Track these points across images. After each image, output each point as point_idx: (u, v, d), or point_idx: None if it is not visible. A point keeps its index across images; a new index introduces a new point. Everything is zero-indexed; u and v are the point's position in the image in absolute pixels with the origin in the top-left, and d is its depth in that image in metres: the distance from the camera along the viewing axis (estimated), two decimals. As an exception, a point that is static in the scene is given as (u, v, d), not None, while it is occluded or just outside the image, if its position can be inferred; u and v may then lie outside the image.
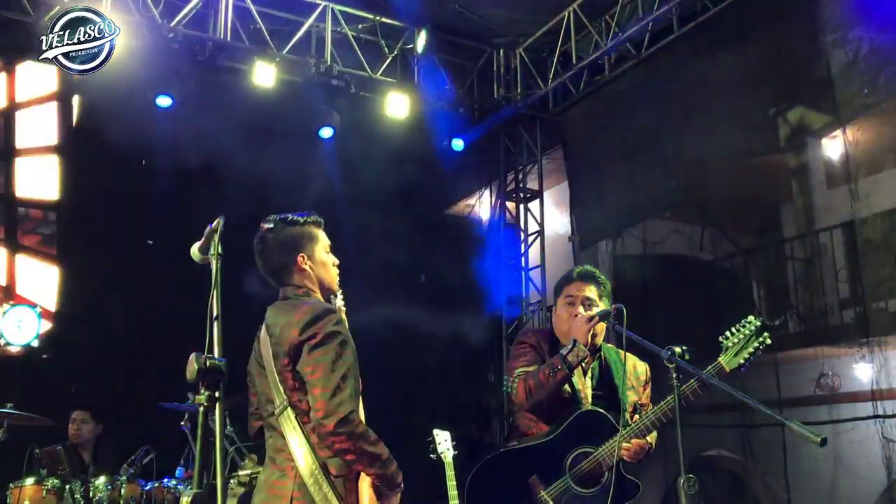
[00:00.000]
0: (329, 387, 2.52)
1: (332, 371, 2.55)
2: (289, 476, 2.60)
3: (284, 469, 2.63)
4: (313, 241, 2.89)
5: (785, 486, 6.91)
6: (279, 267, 2.84)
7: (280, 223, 2.86)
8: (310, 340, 2.59)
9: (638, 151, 8.34)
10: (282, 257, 2.83)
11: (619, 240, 8.92)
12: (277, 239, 2.84)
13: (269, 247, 2.85)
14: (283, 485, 2.61)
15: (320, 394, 2.52)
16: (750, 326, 3.23)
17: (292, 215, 2.89)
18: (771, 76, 7.16)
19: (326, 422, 2.49)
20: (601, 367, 3.51)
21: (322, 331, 2.60)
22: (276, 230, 2.85)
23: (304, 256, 2.84)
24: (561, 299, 3.56)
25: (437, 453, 4.74)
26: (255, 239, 2.88)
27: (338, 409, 2.49)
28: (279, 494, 2.60)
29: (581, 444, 3.29)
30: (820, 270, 7.54)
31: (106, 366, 6.71)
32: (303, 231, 2.88)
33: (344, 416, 2.49)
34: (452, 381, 9.04)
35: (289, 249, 2.83)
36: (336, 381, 2.53)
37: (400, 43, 8.24)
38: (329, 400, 2.50)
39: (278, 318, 2.73)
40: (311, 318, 2.62)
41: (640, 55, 7.87)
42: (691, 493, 2.54)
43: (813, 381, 7.09)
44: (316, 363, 2.57)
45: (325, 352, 2.57)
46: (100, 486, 5.11)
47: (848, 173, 6.70)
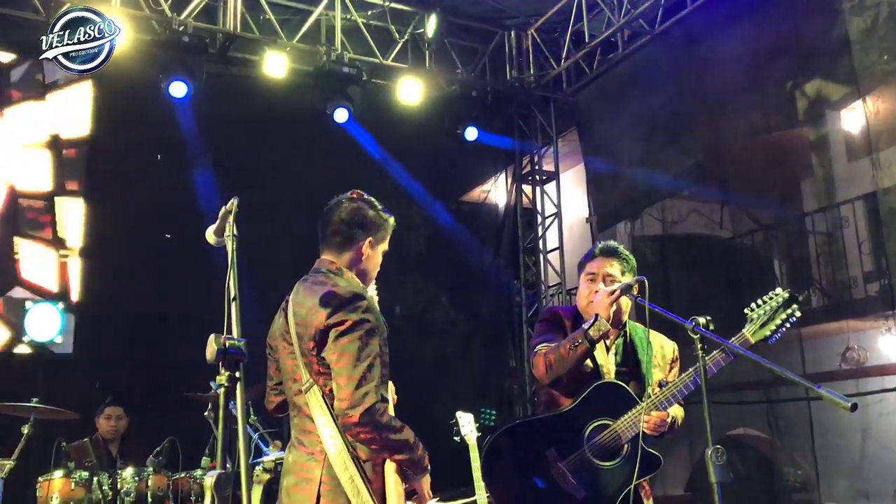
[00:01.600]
0: (355, 376, 2.49)
1: (357, 360, 2.51)
2: (317, 459, 2.58)
3: (313, 452, 2.60)
4: (384, 236, 2.89)
5: (813, 462, 6.85)
6: (344, 235, 2.81)
7: (368, 202, 2.86)
8: (337, 327, 2.55)
9: (654, 130, 8.24)
10: (353, 229, 2.80)
11: (637, 220, 8.85)
12: (359, 211, 2.82)
13: (346, 212, 2.82)
14: (312, 468, 2.58)
15: (345, 383, 2.49)
16: (777, 298, 3.16)
17: (378, 202, 2.90)
18: (787, 48, 7.04)
19: (351, 412, 2.46)
20: (626, 344, 3.46)
21: (350, 318, 2.55)
22: (359, 203, 2.84)
23: (370, 241, 2.83)
24: (583, 276, 3.51)
25: (461, 436, 4.75)
26: (336, 199, 2.86)
27: (363, 400, 2.46)
28: (308, 478, 2.58)
29: (599, 416, 3.24)
30: (842, 243, 7.45)
31: (129, 358, 6.75)
32: (383, 223, 2.88)
33: (368, 407, 2.46)
34: (473, 366, 9.03)
35: (364, 227, 2.82)
36: (362, 370, 2.50)
37: (410, 28, 8.20)
38: (354, 390, 2.47)
39: (305, 299, 2.67)
40: (339, 304, 2.58)
41: (653, 31, 7.78)
42: (720, 463, 2.50)
43: (839, 356, 7.00)
44: (342, 351, 2.53)
45: (351, 339, 2.53)
46: (127, 478, 5.15)
47: (869, 144, 6.60)
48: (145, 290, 7.00)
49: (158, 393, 6.17)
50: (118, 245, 7.21)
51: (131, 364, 6.72)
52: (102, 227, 7.42)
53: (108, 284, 7.17)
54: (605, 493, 3.18)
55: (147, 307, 6.94)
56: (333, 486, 2.52)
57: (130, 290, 7.03)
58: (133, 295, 7.01)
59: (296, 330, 2.65)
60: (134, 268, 7.06)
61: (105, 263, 7.28)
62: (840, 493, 7.16)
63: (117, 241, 7.23)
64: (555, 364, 3.24)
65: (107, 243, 7.32)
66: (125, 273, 7.08)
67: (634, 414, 3.16)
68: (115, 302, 7.05)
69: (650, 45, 7.95)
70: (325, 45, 7.70)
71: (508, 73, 8.89)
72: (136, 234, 7.15)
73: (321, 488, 2.53)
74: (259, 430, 5.21)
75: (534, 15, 8.60)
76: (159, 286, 6.95)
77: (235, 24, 7.30)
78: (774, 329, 3.13)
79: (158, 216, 7.15)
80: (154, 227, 7.18)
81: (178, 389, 5.37)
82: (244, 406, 2.07)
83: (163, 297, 6.92)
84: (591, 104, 8.99)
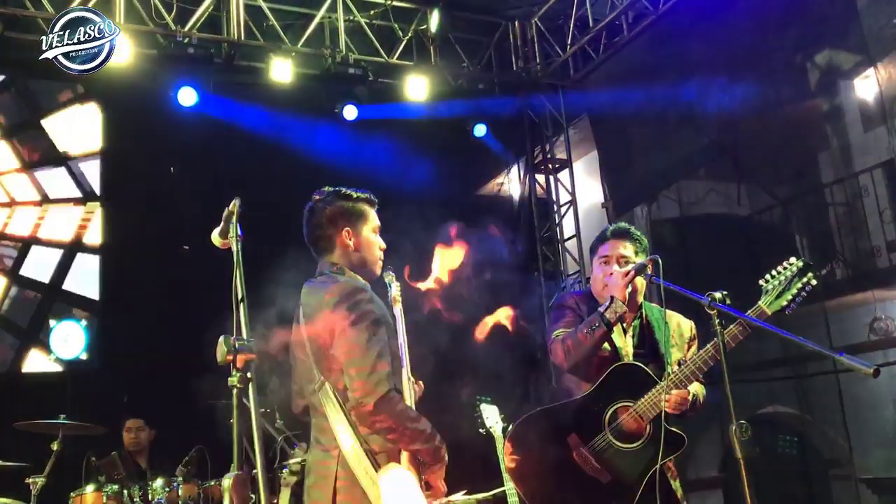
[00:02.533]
0: (366, 366, 2.49)
1: (367, 350, 2.51)
2: (332, 455, 2.59)
3: (328, 449, 2.61)
4: (362, 219, 2.84)
5: (845, 436, 6.77)
6: (322, 238, 2.81)
7: (332, 195, 2.83)
8: (342, 321, 2.55)
9: (665, 111, 8.17)
10: (327, 229, 2.79)
11: (654, 204, 8.80)
12: (327, 209, 2.80)
13: (317, 216, 2.81)
14: (328, 465, 2.59)
15: (357, 374, 2.49)
16: (792, 268, 3.11)
17: (346, 189, 2.85)
18: (795, 18, 6.96)
19: (366, 401, 2.46)
20: (642, 325, 3.43)
21: (354, 310, 2.56)
22: (326, 200, 2.81)
23: (349, 231, 2.80)
24: (596, 259, 3.50)
25: (486, 428, 4.73)
26: (305, 207, 2.85)
27: (377, 388, 2.46)
28: (324, 475, 2.60)
29: (619, 398, 3.21)
30: (863, 213, 7.36)
31: (153, 369, 6.79)
32: (353, 207, 2.83)
33: (383, 395, 2.46)
34: (497, 360, 8.99)
35: (336, 221, 2.79)
36: (372, 359, 2.50)
37: (413, 25, 8.19)
38: (367, 379, 2.47)
39: (310, 299, 2.71)
40: (341, 298, 2.59)
41: (657, 10, 7.70)
42: (744, 439, 2.47)
43: (866, 327, 6.92)
44: (350, 343, 2.53)
45: (358, 331, 2.54)
46: (158, 489, 5.17)
47: (883, 111, 6.51)
48: (166, 300, 7.04)
49: (184, 402, 6.20)
50: (135, 257, 7.25)
51: (155, 375, 6.76)
52: (122, 238, 7.46)
53: (129, 297, 7.22)
54: (630, 475, 3.15)
55: (168, 317, 6.98)
56: (349, 480, 2.53)
57: (152, 301, 7.08)
58: (154, 305, 7.05)
59: (306, 331, 2.66)
60: (151, 279, 7.10)
61: (123, 276, 7.32)
62: (875, 465, 7.07)
63: (136, 252, 7.27)
64: (573, 349, 3.23)
65: (127, 254, 7.36)
66: (143, 284, 7.12)
67: (655, 394, 3.13)
68: (137, 313, 7.09)
69: (655, 25, 7.87)
70: (330, 47, 7.71)
71: (514, 64, 8.85)
72: (154, 245, 7.19)
73: (337, 483, 2.54)
74: (285, 432, 5.22)
75: (536, 4, 8.55)
76: (180, 295, 6.99)
77: (239, 33, 7.31)
78: (791, 299, 3.08)
79: (173, 226, 7.18)
80: (169, 237, 7.21)
81: (203, 397, 5.39)
82: (257, 407, 2.07)
83: (184, 307, 6.96)
84: (600, 89, 8.93)
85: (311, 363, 2.65)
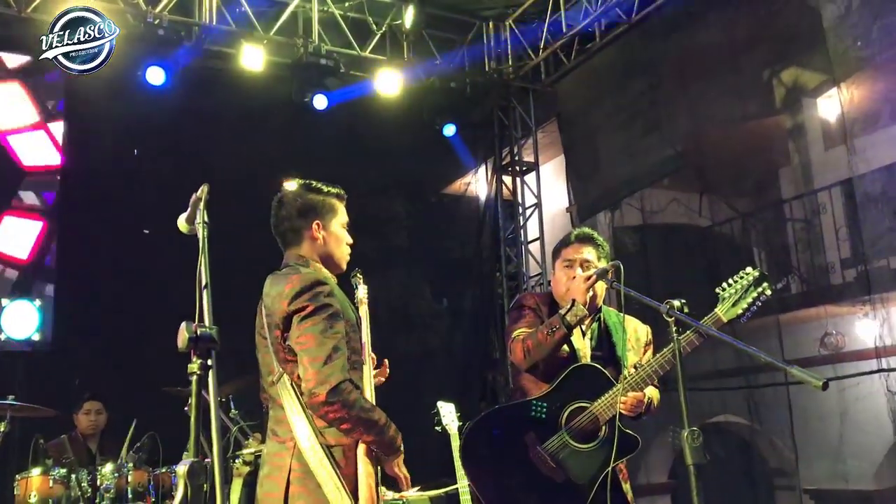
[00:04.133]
0: (320, 356, 2.49)
1: (322, 341, 2.52)
2: (287, 447, 2.59)
3: (284, 441, 2.61)
4: (332, 213, 2.85)
5: (792, 446, 6.92)
6: (291, 229, 2.81)
7: (303, 187, 2.83)
8: (299, 312, 2.56)
9: (633, 120, 8.27)
10: (296, 221, 2.79)
11: (617, 211, 8.88)
12: (297, 202, 2.80)
13: (287, 207, 2.81)
14: (283, 456, 2.60)
15: (310, 363, 2.50)
16: (748, 277, 3.19)
17: (316, 182, 2.85)
18: (763, 36, 7.08)
19: (318, 390, 2.46)
20: (601, 328, 3.48)
21: (312, 302, 2.56)
22: (297, 193, 2.82)
23: (318, 224, 2.80)
24: (559, 263, 3.53)
25: (443, 425, 4.76)
26: (274, 198, 2.85)
27: (329, 378, 2.46)
28: (279, 466, 2.59)
29: (576, 398, 3.25)
30: (820, 230, 7.52)
31: (106, 354, 6.69)
32: (324, 200, 2.84)
33: (335, 386, 2.46)
34: (457, 358, 9.03)
35: (305, 214, 2.79)
36: (327, 350, 2.50)
37: (388, 19, 8.17)
38: (320, 369, 2.47)
39: (271, 289, 2.70)
40: (301, 289, 2.58)
41: (630, 20, 7.79)
42: (695, 445, 2.51)
43: (817, 341, 7.07)
44: (306, 334, 2.54)
45: (314, 322, 2.54)
46: (107, 475, 5.09)
47: (844, 130, 6.65)
48: (122, 283, 6.94)
49: (138, 388, 6.13)
50: (94, 239, 7.13)
51: (109, 359, 6.66)
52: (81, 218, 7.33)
53: (83, 279, 7.10)
54: (584, 475, 3.19)
55: (126, 301, 6.88)
56: (302, 472, 2.53)
57: (107, 284, 6.97)
58: (111, 288, 6.95)
59: (266, 321, 2.66)
60: (110, 261, 7.00)
61: (80, 257, 7.20)
62: (820, 476, 7.25)
63: (96, 233, 7.14)
64: (532, 349, 3.26)
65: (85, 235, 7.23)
66: (101, 267, 7.01)
67: (611, 395, 3.18)
68: (92, 296, 6.98)
69: (627, 35, 7.96)
70: (303, 37, 7.65)
71: (487, 65, 8.88)
72: (113, 227, 7.07)
73: (290, 475, 2.55)
74: (239, 422, 5.19)
75: (511, 6, 8.58)
76: (138, 279, 6.90)
77: (211, 17, 7.24)
78: (746, 307, 3.16)
79: (136, 210, 7.08)
80: (131, 221, 7.11)
81: (157, 384, 5.33)
82: (216, 395, 2.06)
83: (142, 291, 6.87)
84: (570, 94, 9.00)
85: (270, 354, 2.65)
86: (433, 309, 9.07)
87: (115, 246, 7.03)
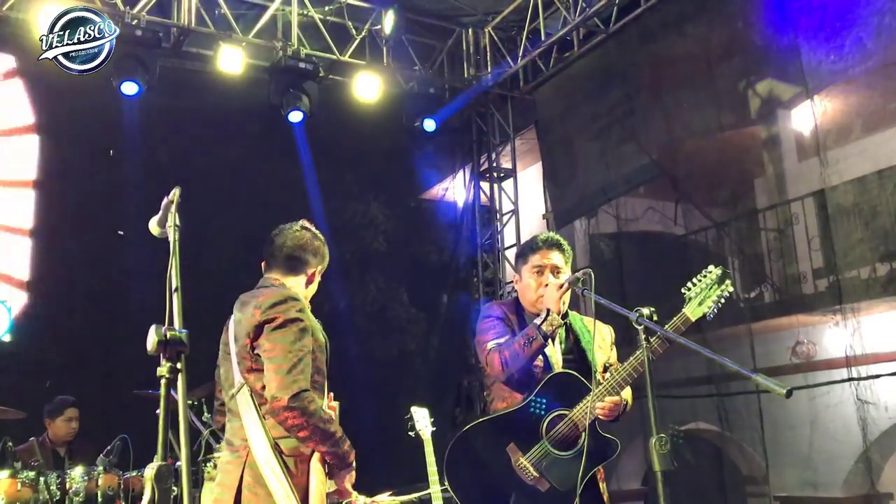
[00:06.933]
0: (285, 365, 2.57)
1: (288, 351, 2.60)
2: (241, 455, 2.65)
3: (238, 450, 2.68)
4: (324, 269, 3.08)
5: (763, 453, 6.97)
6: (297, 260, 2.95)
7: (316, 235, 3.05)
8: (270, 322, 2.64)
9: (610, 128, 8.33)
10: (307, 255, 2.97)
11: (593, 218, 8.92)
12: (313, 243, 3.00)
13: (307, 240, 2.98)
14: (236, 464, 2.65)
15: (275, 371, 2.57)
16: (711, 276, 3.23)
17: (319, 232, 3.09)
18: (739, 48, 7.16)
19: (280, 395, 2.52)
20: (567, 333, 3.49)
21: (284, 315, 2.65)
22: (314, 235, 3.02)
23: (319, 269, 3.02)
24: (527, 268, 3.52)
25: (416, 430, 4.75)
26: (286, 225, 3.01)
27: (292, 385, 2.53)
28: (230, 472, 2.65)
29: (555, 407, 3.27)
30: (793, 239, 7.59)
31: (77, 357, 6.63)
32: (326, 255, 3.07)
33: (297, 392, 2.53)
34: (433, 363, 9.04)
35: (317, 257, 3.01)
36: (293, 360, 2.58)
37: (368, 24, 8.18)
38: (284, 376, 2.55)
39: (245, 305, 2.78)
40: (275, 302, 2.68)
41: (608, 30, 7.86)
42: (663, 452, 2.54)
43: (788, 350, 7.15)
44: (274, 342, 2.62)
45: (284, 333, 2.63)
46: (76, 478, 5.04)
47: (817, 142, 6.73)
48: (95, 285, 6.88)
49: (109, 390, 6.07)
50: (68, 239, 7.05)
51: (80, 361, 6.60)
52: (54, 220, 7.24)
53: (56, 280, 7.02)
54: (567, 481, 3.21)
55: (97, 303, 6.82)
56: (254, 480, 2.59)
57: (79, 286, 6.91)
58: (82, 290, 6.88)
59: (234, 333, 2.74)
60: (83, 263, 6.93)
61: (53, 259, 7.12)
62: (789, 484, 7.32)
63: (67, 236, 7.07)
64: (510, 361, 3.26)
65: (57, 239, 7.15)
66: (74, 269, 6.94)
67: (589, 401, 3.19)
68: (64, 298, 6.91)
69: (605, 44, 8.03)
70: (282, 40, 7.64)
71: (466, 71, 8.91)
72: (86, 229, 7.01)
73: (241, 483, 2.60)
74: (211, 426, 5.15)
75: (491, 13, 8.63)
76: (109, 282, 6.84)
77: (190, 19, 7.21)
78: (711, 305, 3.20)
79: (109, 212, 7.01)
80: (104, 223, 7.04)
81: (129, 387, 5.28)
82: (185, 398, 2.05)
83: (113, 293, 6.81)
84: (547, 102, 9.06)
85: (232, 365, 2.72)
86: (410, 313, 9.07)
87: (89, 248, 6.96)
